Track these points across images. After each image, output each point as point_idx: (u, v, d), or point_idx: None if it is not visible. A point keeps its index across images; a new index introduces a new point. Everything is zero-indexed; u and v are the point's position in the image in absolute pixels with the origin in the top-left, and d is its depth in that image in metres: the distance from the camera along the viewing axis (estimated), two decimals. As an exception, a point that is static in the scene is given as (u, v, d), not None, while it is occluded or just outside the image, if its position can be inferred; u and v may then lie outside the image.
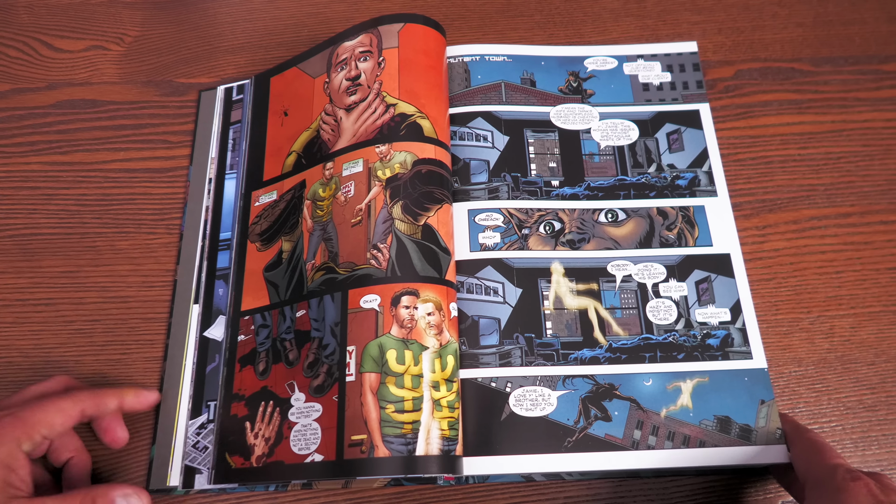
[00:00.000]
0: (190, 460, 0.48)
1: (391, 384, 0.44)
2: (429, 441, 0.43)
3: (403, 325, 0.45)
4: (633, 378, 0.49)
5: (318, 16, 0.66)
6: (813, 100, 0.61)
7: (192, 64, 0.63)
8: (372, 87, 0.53)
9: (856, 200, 0.57)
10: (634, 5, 0.66)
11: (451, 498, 0.48)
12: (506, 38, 0.64)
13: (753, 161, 0.58)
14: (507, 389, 0.48)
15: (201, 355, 0.51)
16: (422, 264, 0.47)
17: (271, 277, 0.52)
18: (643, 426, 0.47)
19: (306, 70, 0.58)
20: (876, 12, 0.65)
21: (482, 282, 0.51)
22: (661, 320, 0.51)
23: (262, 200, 0.55)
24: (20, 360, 0.52)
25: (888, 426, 0.50)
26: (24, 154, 0.59)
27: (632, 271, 0.52)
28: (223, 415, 0.49)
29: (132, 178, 0.58)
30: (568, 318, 0.51)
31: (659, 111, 0.58)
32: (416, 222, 0.49)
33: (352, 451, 0.43)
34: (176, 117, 0.61)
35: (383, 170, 0.50)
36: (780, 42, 0.64)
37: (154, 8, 0.66)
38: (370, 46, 0.55)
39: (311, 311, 0.49)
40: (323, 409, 0.46)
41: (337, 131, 0.54)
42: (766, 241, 0.55)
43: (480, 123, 0.57)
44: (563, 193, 0.55)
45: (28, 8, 0.66)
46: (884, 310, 0.53)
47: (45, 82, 0.62)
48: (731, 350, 0.50)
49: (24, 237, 0.56)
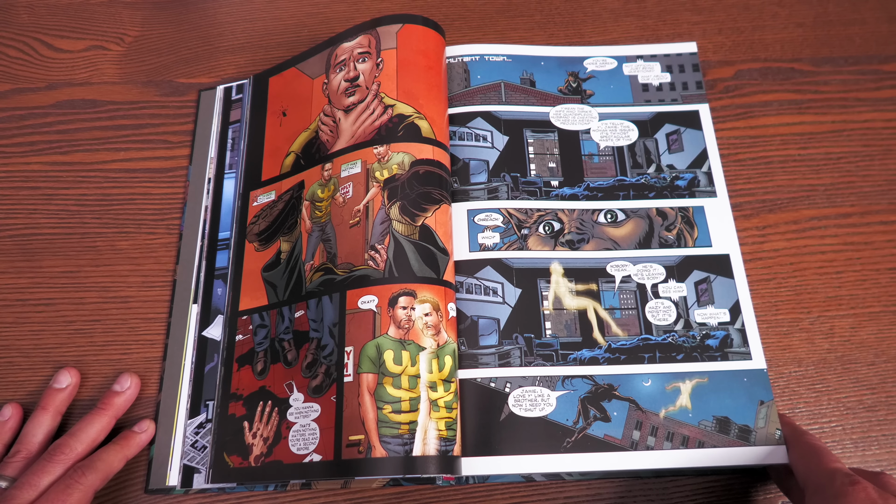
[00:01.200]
0: (188, 460, 0.48)
1: (388, 385, 0.44)
2: (426, 441, 0.43)
3: (401, 326, 0.45)
4: (632, 378, 0.49)
5: (318, 16, 0.66)
6: (813, 100, 0.61)
7: (192, 64, 0.63)
8: (370, 89, 0.53)
9: (856, 200, 0.57)
10: (634, 5, 0.66)
11: (450, 498, 0.48)
12: (506, 38, 0.64)
13: (753, 161, 0.58)
14: (506, 390, 0.48)
15: (200, 355, 0.51)
16: (419, 265, 0.47)
17: (269, 278, 0.52)
18: (642, 427, 0.47)
19: (305, 71, 0.58)
20: (876, 12, 0.65)
21: (481, 282, 0.51)
22: (661, 321, 0.51)
23: (260, 200, 0.56)
24: (20, 360, 0.52)
25: (888, 426, 0.50)
26: (24, 154, 0.59)
27: (631, 272, 0.52)
28: (221, 414, 0.49)
29: (132, 178, 0.58)
30: (567, 319, 0.51)
31: (658, 112, 0.58)
32: (414, 223, 0.49)
33: (349, 451, 0.43)
34: (176, 117, 0.61)
35: (381, 171, 0.50)
36: (780, 42, 0.63)
37: (154, 8, 0.66)
38: (368, 47, 0.55)
39: (310, 312, 0.49)
40: (321, 410, 0.46)
41: (335, 132, 0.54)
42: (766, 241, 0.55)
43: (480, 123, 0.57)
44: (563, 194, 0.55)
45: (28, 8, 0.66)
46: (884, 310, 0.53)
47: (45, 82, 0.63)
48: (731, 350, 0.50)
49: (24, 237, 0.56)
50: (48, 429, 0.48)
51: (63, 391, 0.49)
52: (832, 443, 0.49)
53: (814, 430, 0.49)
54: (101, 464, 0.44)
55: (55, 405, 0.49)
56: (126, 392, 0.49)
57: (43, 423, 0.47)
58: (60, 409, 0.49)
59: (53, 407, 0.48)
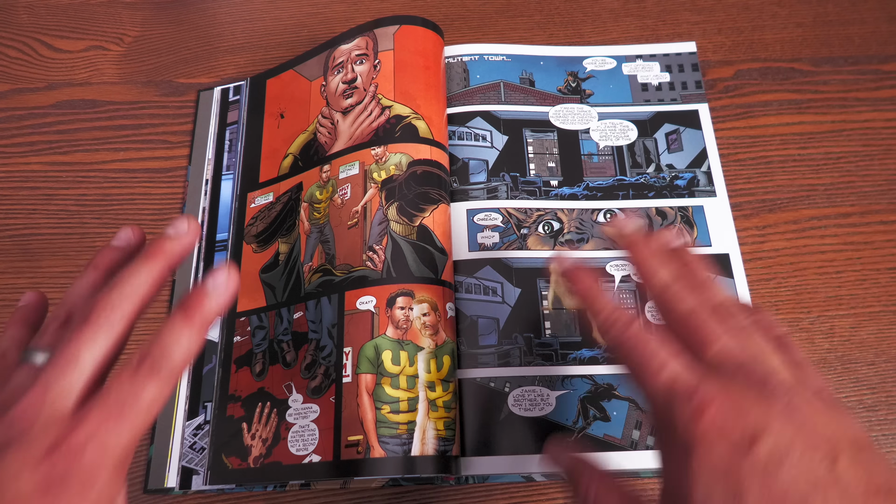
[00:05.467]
0: (187, 461, 0.48)
1: (387, 385, 0.44)
2: (424, 441, 0.43)
3: (399, 326, 0.45)
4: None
5: (317, 16, 0.66)
6: (813, 100, 0.61)
7: (191, 64, 0.63)
8: (368, 90, 0.53)
9: (856, 200, 0.57)
10: (634, 5, 0.65)
11: (450, 498, 0.48)
12: (506, 38, 0.64)
13: (753, 161, 0.58)
14: (505, 389, 0.48)
15: (198, 356, 0.51)
16: (417, 265, 0.47)
17: (268, 279, 0.52)
18: (642, 426, 0.47)
19: (303, 73, 0.58)
20: (876, 12, 0.65)
21: (481, 282, 0.51)
22: (661, 320, 0.51)
23: (258, 202, 0.56)
24: (20, 360, 0.52)
25: (888, 426, 0.49)
26: (24, 154, 0.59)
27: (630, 271, 0.52)
28: (219, 416, 0.49)
29: (132, 178, 0.58)
30: (567, 318, 0.51)
31: (658, 111, 0.58)
32: (412, 223, 0.49)
33: (348, 451, 0.43)
34: (175, 117, 0.61)
35: (379, 172, 0.50)
36: (779, 42, 0.63)
37: (154, 8, 0.66)
38: (366, 49, 0.55)
39: (309, 313, 0.49)
40: (320, 411, 0.46)
41: (334, 134, 0.54)
42: (766, 241, 0.55)
43: (479, 123, 0.57)
44: (562, 193, 0.55)
45: (28, 8, 0.66)
46: (884, 310, 0.53)
47: (45, 82, 0.63)
48: (730, 350, 0.49)
49: (24, 237, 0.56)
50: (92, 284, 0.34)
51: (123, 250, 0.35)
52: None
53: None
54: (167, 364, 0.29)
55: (105, 264, 0.35)
56: (182, 238, 0.34)
57: (89, 279, 0.34)
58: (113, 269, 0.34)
59: (104, 266, 0.35)
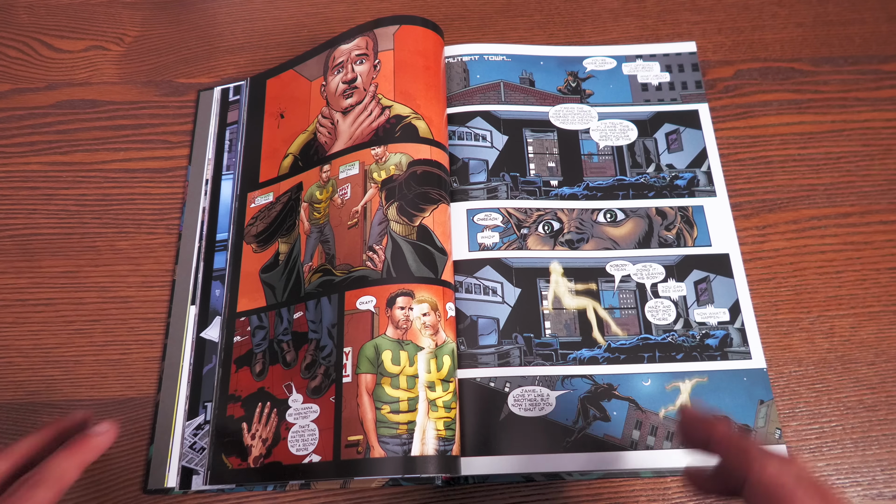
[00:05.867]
0: (187, 461, 0.48)
1: (387, 385, 0.44)
2: (424, 441, 0.43)
3: (399, 326, 0.45)
4: (631, 378, 0.49)
5: (317, 16, 0.66)
6: (813, 100, 0.61)
7: (191, 64, 0.63)
8: (368, 90, 0.53)
9: (856, 200, 0.57)
10: (634, 5, 0.65)
11: (450, 498, 0.48)
12: (506, 37, 0.64)
13: (753, 161, 0.58)
14: (505, 389, 0.48)
15: (198, 356, 0.51)
16: (417, 265, 0.47)
17: (268, 279, 0.52)
18: (642, 426, 0.47)
19: (303, 73, 0.58)
20: (876, 12, 0.65)
21: (481, 282, 0.51)
22: (660, 320, 0.51)
23: (258, 202, 0.55)
24: (20, 360, 0.52)
25: (888, 426, 0.49)
26: (24, 154, 0.59)
27: (630, 271, 0.52)
28: (219, 416, 0.49)
29: (132, 178, 0.58)
30: (567, 318, 0.51)
31: (658, 111, 0.58)
32: (412, 223, 0.49)
33: (348, 451, 0.43)
34: (175, 117, 0.61)
35: (379, 171, 0.50)
36: (779, 42, 0.63)
37: (154, 8, 0.66)
38: (366, 49, 0.55)
39: (309, 313, 0.49)
40: (320, 411, 0.46)
41: (334, 134, 0.54)
42: (766, 241, 0.55)
43: (479, 123, 0.57)
44: (562, 193, 0.55)
45: (28, 8, 0.66)
46: (884, 310, 0.53)
47: (45, 82, 0.63)
48: (730, 350, 0.50)
49: (24, 237, 0.56)
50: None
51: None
52: (832, 442, 0.49)
53: (814, 429, 0.49)
54: (51, 477, 0.35)
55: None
56: (101, 436, 0.38)
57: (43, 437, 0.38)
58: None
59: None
